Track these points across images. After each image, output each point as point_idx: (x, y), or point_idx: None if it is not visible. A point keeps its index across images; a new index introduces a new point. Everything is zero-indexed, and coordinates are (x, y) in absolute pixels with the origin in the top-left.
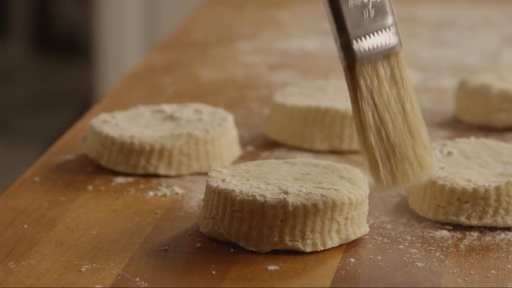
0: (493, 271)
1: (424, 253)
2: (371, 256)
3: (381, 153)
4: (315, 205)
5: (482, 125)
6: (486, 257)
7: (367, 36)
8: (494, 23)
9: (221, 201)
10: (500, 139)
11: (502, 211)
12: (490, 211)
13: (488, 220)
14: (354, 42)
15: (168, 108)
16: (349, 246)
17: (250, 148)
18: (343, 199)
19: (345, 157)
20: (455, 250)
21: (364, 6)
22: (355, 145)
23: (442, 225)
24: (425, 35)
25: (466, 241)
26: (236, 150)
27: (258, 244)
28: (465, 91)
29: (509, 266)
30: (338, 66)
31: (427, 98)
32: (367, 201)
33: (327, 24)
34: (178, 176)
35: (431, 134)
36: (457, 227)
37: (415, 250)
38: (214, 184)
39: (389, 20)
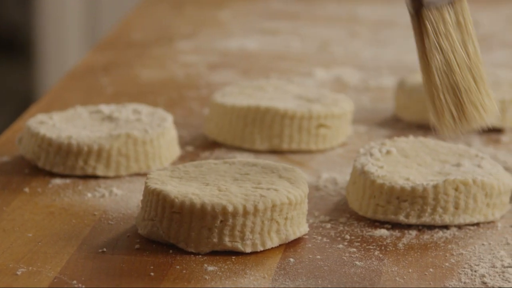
0: (431, 269)
1: (363, 252)
2: (310, 256)
3: (446, 95)
4: (254, 206)
5: (421, 124)
6: (424, 256)
7: None
8: None
9: (160, 202)
10: (439, 138)
11: (440, 210)
12: (429, 210)
13: (426, 219)
14: None
15: (106, 108)
16: (289, 246)
17: (189, 148)
18: (283, 199)
19: (285, 156)
20: (393, 248)
21: None
22: (295, 144)
23: (381, 224)
24: (365, 35)
25: (404, 240)
26: (175, 151)
27: (197, 245)
28: (404, 90)
29: (447, 264)
30: (278, 65)
31: (367, 97)
32: (306, 200)
33: (267, 23)
34: (117, 177)
35: (371, 133)
36: (396, 225)
37: (354, 249)
38: (153, 186)
39: None
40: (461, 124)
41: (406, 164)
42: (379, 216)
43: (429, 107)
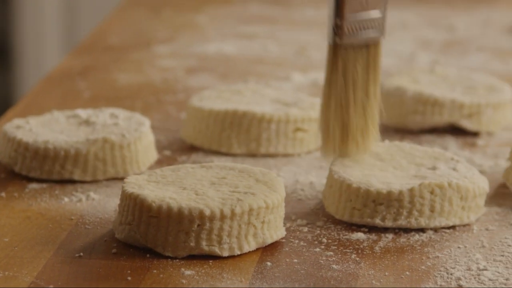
0: (408, 273)
1: (340, 255)
2: (287, 259)
3: (334, 124)
4: (231, 210)
5: (397, 128)
6: (401, 259)
7: (357, 23)
8: (410, 26)
9: (137, 207)
10: (415, 142)
11: (416, 213)
12: (404, 213)
13: (402, 222)
14: (346, 26)
15: (83, 113)
16: (266, 250)
17: (167, 152)
18: (260, 203)
19: (262, 160)
20: (370, 252)
21: None
22: (272, 148)
23: (358, 227)
24: None
25: (381, 243)
26: (152, 155)
27: (175, 250)
28: (380, 94)
29: (423, 267)
30: (256, 69)
31: None
32: (283, 204)
33: (245, 27)
34: (94, 181)
35: None
36: (372, 229)
37: (331, 253)
38: (130, 190)
39: (379, 11)
40: (341, 151)
41: (381, 167)
42: (355, 219)
43: (319, 129)
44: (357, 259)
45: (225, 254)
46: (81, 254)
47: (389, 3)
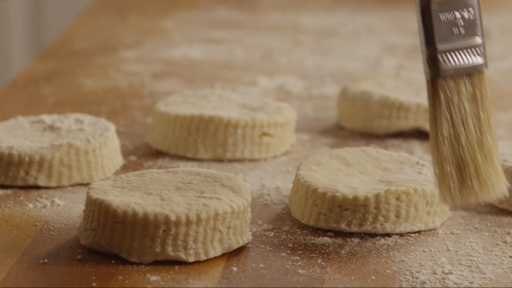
0: (373, 277)
1: (306, 260)
2: (253, 264)
3: (451, 167)
4: (197, 215)
5: (363, 132)
6: (367, 263)
7: (453, 52)
8: (375, 31)
9: (102, 212)
10: (381, 146)
11: (381, 218)
12: (370, 218)
13: (368, 227)
14: (440, 56)
15: (48, 118)
16: (232, 255)
17: (132, 158)
18: (225, 208)
19: (228, 165)
20: (336, 256)
21: (455, 22)
22: (239, 153)
23: (324, 232)
24: (308, 43)
25: (347, 248)
26: (118, 160)
27: (140, 255)
28: (346, 98)
29: (389, 271)
30: (222, 74)
31: (310, 106)
32: (249, 209)
33: (211, 32)
34: (59, 187)
35: (314, 141)
36: (338, 233)
37: (297, 257)
38: (95, 196)
39: (478, 39)
40: (462, 197)
41: (348, 172)
42: (321, 224)
43: (434, 173)
44: (323, 263)
45: (191, 259)
46: (46, 260)
47: (355, 7)
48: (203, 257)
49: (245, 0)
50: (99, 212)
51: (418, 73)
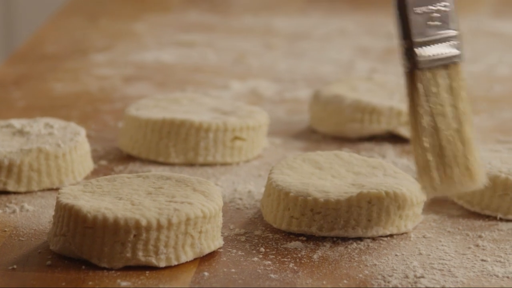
0: (345, 281)
1: (278, 264)
2: (225, 269)
3: (431, 156)
4: (168, 220)
5: (336, 136)
6: (339, 267)
7: (430, 44)
8: (348, 34)
9: (72, 217)
10: (354, 149)
11: (353, 222)
12: (342, 222)
13: (339, 231)
14: (417, 48)
15: (17, 123)
16: (203, 260)
17: (103, 162)
18: (197, 213)
19: (200, 170)
20: (308, 260)
21: (430, 15)
22: (210, 157)
23: (296, 236)
24: (281, 46)
25: (319, 252)
26: (88, 165)
27: (111, 261)
28: (319, 102)
29: (361, 275)
30: (194, 78)
31: (283, 109)
32: (221, 214)
33: (183, 35)
34: (28, 192)
35: (287, 145)
36: (310, 237)
37: (269, 262)
38: (65, 201)
39: (453, 31)
40: (443, 186)
41: (320, 176)
42: (293, 228)
43: (415, 164)
44: (295, 268)
45: (162, 264)
46: (15, 266)
47: (327, 10)
48: (175, 262)
49: (217, 3)
50: (69, 217)
51: (391, 76)
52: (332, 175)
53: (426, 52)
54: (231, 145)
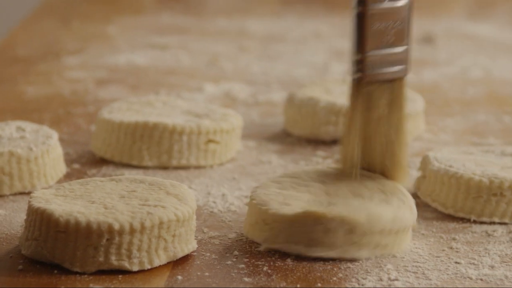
0: (319, 284)
1: (252, 268)
2: (198, 273)
3: (357, 159)
4: (141, 223)
5: (310, 138)
6: (313, 270)
7: (380, 59)
8: (323, 36)
9: (44, 221)
10: (328, 152)
11: (295, 238)
12: (282, 236)
13: (282, 245)
14: (368, 62)
15: None
16: (177, 264)
17: (76, 166)
18: (170, 216)
19: (174, 173)
20: (282, 264)
21: (386, 31)
22: (184, 160)
23: None
24: (255, 49)
25: (293, 255)
26: (61, 169)
27: (83, 265)
28: (293, 104)
29: (335, 278)
30: (167, 80)
31: (257, 112)
32: (194, 217)
33: (156, 37)
34: (0, 196)
35: (261, 148)
36: None
37: (243, 265)
38: (37, 205)
39: (403, 46)
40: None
41: (307, 190)
42: (249, 235)
43: (340, 152)
44: (269, 271)
45: (135, 268)
46: None
47: (302, 13)
48: (148, 266)
49: (190, 5)
50: (41, 222)
51: None
52: (324, 191)
53: (375, 66)
54: (205, 148)
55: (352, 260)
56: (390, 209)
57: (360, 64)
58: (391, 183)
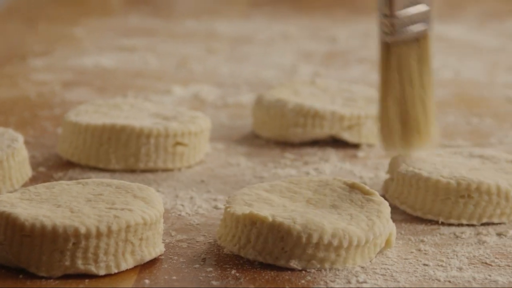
0: (287, 287)
1: (220, 271)
2: (166, 277)
3: (396, 121)
4: (108, 227)
5: (279, 140)
6: (281, 274)
7: (406, 19)
8: (291, 38)
9: (9, 225)
10: (297, 154)
11: (239, 239)
12: (230, 236)
13: (227, 244)
14: (397, 23)
15: None
16: (144, 267)
17: (42, 169)
18: (137, 220)
19: (141, 176)
20: (250, 267)
21: None
22: (152, 163)
23: None
24: (223, 51)
25: None
26: (27, 172)
27: (49, 269)
28: (261, 106)
29: (303, 281)
30: (135, 83)
31: (225, 114)
32: (162, 220)
33: (124, 39)
34: None
35: (230, 150)
36: None
37: (211, 269)
38: (2, 208)
39: (426, 6)
40: (403, 149)
41: (271, 198)
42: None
43: (378, 127)
44: (237, 274)
45: (102, 272)
46: None
47: (270, 15)
48: (115, 270)
49: (158, 7)
50: (6, 226)
51: (333, 80)
52: (306, 200)
53: (403, 26)
54: (173, 151)
55: None
56: (339, 224)
57: (390, 26)
58: (379, 199)
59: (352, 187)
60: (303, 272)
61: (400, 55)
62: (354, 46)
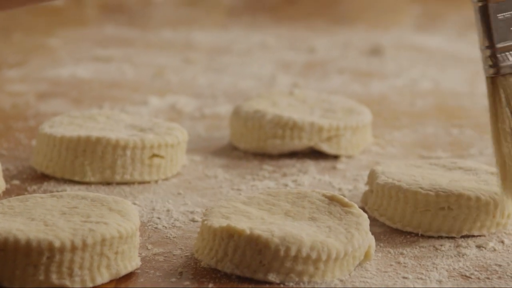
0: None
1: (196, 285)
2: None
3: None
4: (83, 240)
5: (257, 152)
6: (259, 287)
7: (510, 49)
8: (269, 48)
9: None
10: (275, 166)
11: (217, 252)
12: (207, 249)
13: (204, 257)
14: (499, 54)
15: None
16: (120, 281)
17: (16, 182)
18: (113, 233)
19: (117, 188)
20: (227, 280)
21: (509, 20)
22: (128, 176)
23: None
24: (201, 61)
25: None
26: (0, 185)
27: (23, 284)
28: (239, 117)
29: None
30: (111, 94)
31: (203, 126)
32: (138, 233)
33: (100, 50)
34: None
35: (207, 162)
36: None
37: (188, 283)
38: None
39: None
40: None
41: (248, 211)
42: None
43: (497, 170)
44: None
45: (77, 286)
46: None
47: (248, 25)
48: (90, 284)
49: (135, 17)
50: None
51: (312, 91)
52: (285, 213)
53: (508, 57)
54: (149, 163)
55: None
56: (318, 236)
57: (493, 58)
58: (358, 211)
59: (331, 199)
60: (281, 285)
61: (508, 89)
62: (333, 56)
